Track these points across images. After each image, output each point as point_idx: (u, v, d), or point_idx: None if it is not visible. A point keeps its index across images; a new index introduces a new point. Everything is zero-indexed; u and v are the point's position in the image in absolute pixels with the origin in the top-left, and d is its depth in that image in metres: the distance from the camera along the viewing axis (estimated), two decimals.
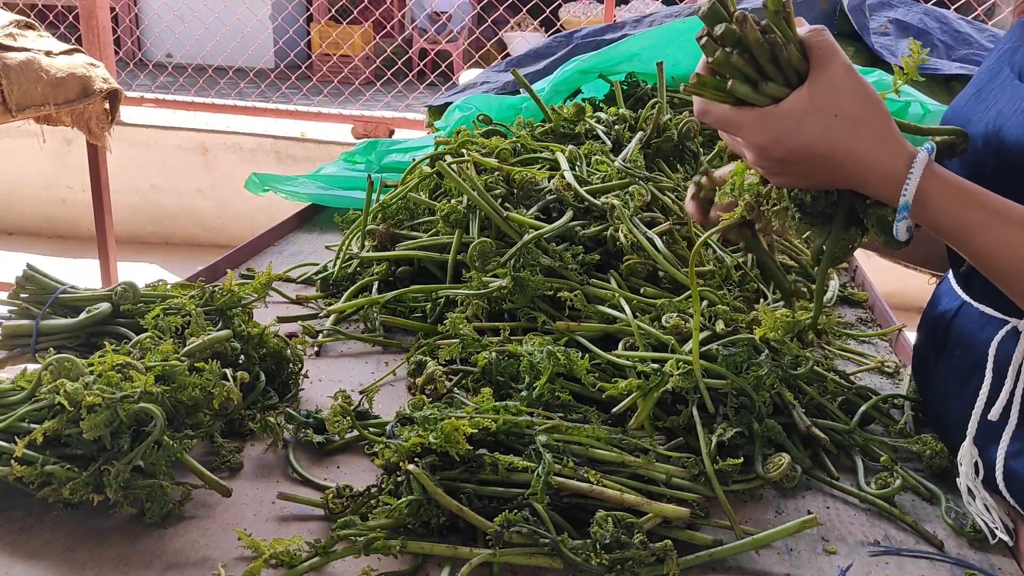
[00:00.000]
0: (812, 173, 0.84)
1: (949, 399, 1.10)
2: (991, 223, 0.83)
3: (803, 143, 0.81)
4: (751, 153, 0.86)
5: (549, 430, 0.98)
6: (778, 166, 0.85)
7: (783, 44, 0.81)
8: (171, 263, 5.18)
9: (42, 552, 0.88)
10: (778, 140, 0.82)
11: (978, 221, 0.83)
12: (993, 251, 0.84)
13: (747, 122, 0.83)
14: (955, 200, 0.84)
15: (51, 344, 1.17)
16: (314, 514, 0.96)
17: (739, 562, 0.91)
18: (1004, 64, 1.05)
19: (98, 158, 3.40)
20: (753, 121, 0.82)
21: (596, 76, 2.22)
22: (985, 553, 0.96)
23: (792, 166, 0.84)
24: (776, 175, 0.87)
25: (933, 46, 2.70)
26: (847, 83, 0.81)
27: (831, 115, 0.81)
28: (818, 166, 0.83)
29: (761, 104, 0.82)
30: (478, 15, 8.64)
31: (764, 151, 0.84)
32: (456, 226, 1.50)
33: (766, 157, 0.85)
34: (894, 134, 0.84)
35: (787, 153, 0.82)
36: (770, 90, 0.82)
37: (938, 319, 1.15)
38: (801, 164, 0.83)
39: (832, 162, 0.82)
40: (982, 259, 0.86)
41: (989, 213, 0.84)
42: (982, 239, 0.84)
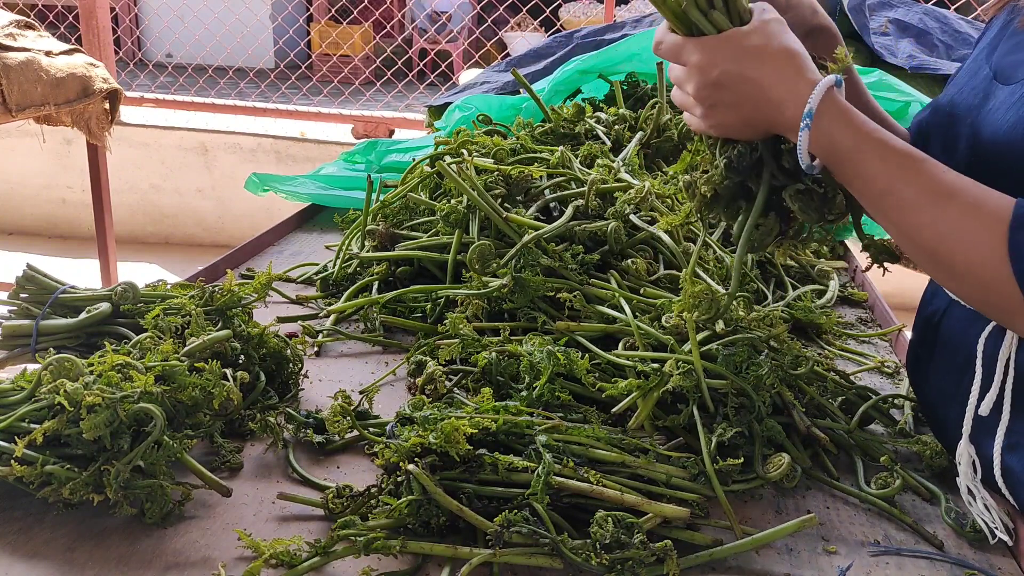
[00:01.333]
0: (739, 101, 0.94)
1: (944, 398, 1.11)
2: (877, 147, 0.89)
3: (737, 67, 0.93)
4: (692, 82, 0.96)
5: (549, 430, 0.98)
6: (713, 91, 0.95)
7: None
8: (171, 263, 5.18)
9: (42, 552, 0.88)
10: (714, 61, 0.94)
11: (867, 143, 0.90)
12: (876, 174, 0.89)
13: (688, 46, 0.96)
14: (853, 121, 0.90)
15: (51, 344, 1.17)
16: (314, 514, 0.96)
17: (739, 562, 0.91)
18: (982, 63, 1.06)
19: (98, 158, 3.39)
20: (693, 45, 0.95)
21: (596, 76, 2.22)
22: (985, 553, 0.96)
23: (724, 91, 0.94)
24: (710, 106, 0.96)
25: (933, 46, 2.70)
26: (779, 30, 0.95)
27: (762, 47, 0.93)
28: (746, 91, 0.94)
29: (708, 32, 0.95)
30: (478, 15, 8.64)
31: (702, 72, 0.95)
32: (456, 226, 1.50)
33: (705, 81, 0.95)
34: (811, 70, 0.93)
35: (721, 75, 0.94)
36: (716, 18, 0.95)
37: (928, 319, 1.15)
38: (732, 88, 0.94)
39: (757, 86, 0.93)
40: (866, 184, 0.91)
41: (877, 138, 0.90)
42: (869, 162, 0.89)
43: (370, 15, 6.81)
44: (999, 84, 0.99)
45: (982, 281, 0.85)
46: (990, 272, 0.83)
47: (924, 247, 0.89)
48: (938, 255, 0.88)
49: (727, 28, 0.94)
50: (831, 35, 1.17)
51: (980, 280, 0.85)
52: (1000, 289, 0.83)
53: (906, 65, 2.54)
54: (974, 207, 0.85)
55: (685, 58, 0.97)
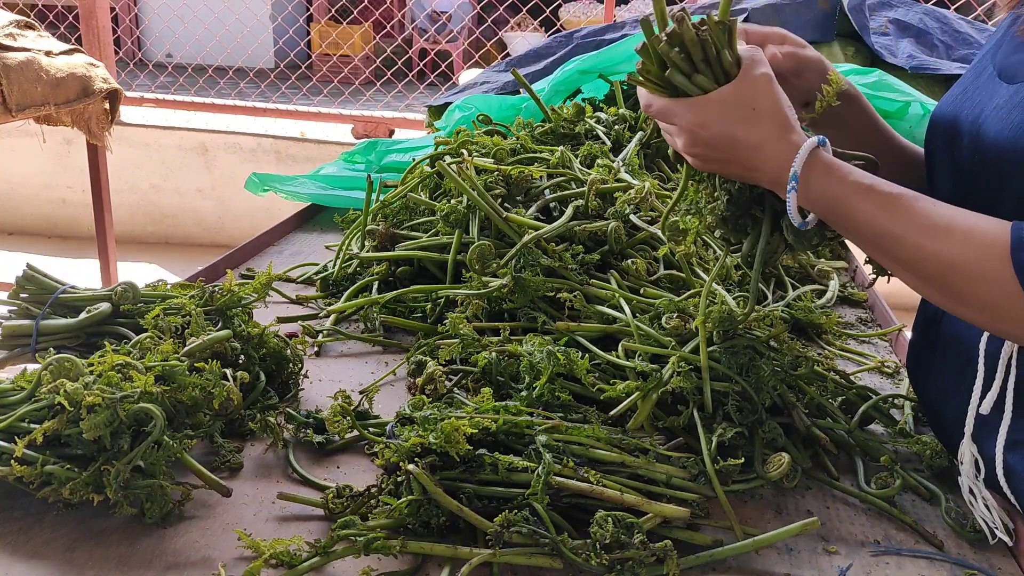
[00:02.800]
0: (729, 160, 0.97)
1: (945, 397, 1.11)
2: (864, 196, 0.91)
3: (726, 129, 0.95)
4: (683, 139, 0.98)
5: (549, 430, 0.98)
6: (704, 150, 0.97)
7: (714, 45, 0.94)
8: (171, 263, 5.18)
9: (42, 552, 0.88)
10: (704, 123, 0.95)
11: (854, 193, 0.92)
12: (865, 221, 0.91)
13: (680, 109, 0.97)
14: (835, 175, 0.93)
15: (51, 344, 1.17)
16: (314, 514, 0.96)
17: (739, 562, 0.91)
18: (987, 63, 1.06)
19: (98, 158, 3.39)
20: (686, 107, 0.97)
21: (596, 76, 2.22)
22: (985, 553, 0.96)
23: (714, 150, 0.97)
24: (702, 160, 1.00)
25: (933, 46, 2.70)
26: (766, 87, 0.95)
27: (749, 108, 0.94)
28: (735, 152, 0.96)
29: (693, 94, 0.96)
30: (478, 15, 8.64)
31: (693, 134, 0.97)
32: (456, 226, 1.50)
33: (695, 141, 0.97)
34: (796, 131, 0.95)
35: (711, 137, 0.96)
36: (700, 81, 0.96)
37: (929, 318, 1.15)
38: (721, 148, 0.96)
39: (746, 147, 0.95)
40: (859, 231, 0.93)
41: (862, 186, 0.92)
42: (858, 210, 0.92)
43: (370, 15, 6.81)
44: (1003, 83, 0.99)
45: (990, 303, 0.86)
46: (997, 293, 0.85)
47: (929, 280, 0.90)
48: (944, 285, 0.89)
49: (712, 89, 0.95)
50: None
51: (988, 302, 0.86)
52: (1010, 307, 0.85)
53: (906, 65, 2.54)
54: (970, 235, 0.86)
55: (675, 120, 0.98)
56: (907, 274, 0.93)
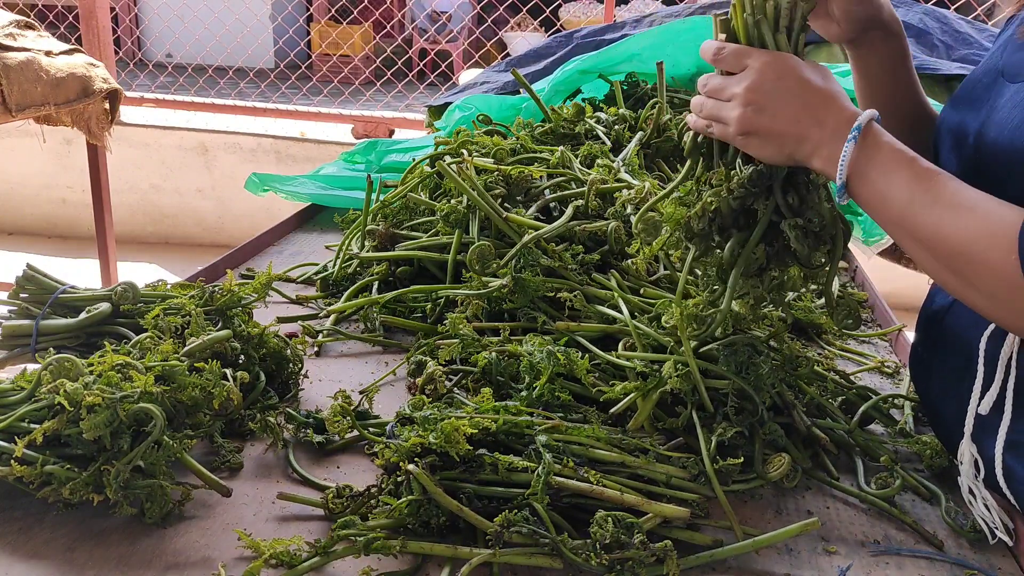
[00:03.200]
0: (790, 107, 0.96)
1: (946, 397, 1.11)
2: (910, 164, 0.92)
3: (800, 74, 0.97)
4: (748, 79, 0.98)
5: (549, 430, 0.98)
6: (767, 93, 0.97)
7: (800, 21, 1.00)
8: (171, 263, 5.17)
9: (42, 552, 0.88)
10: (779, 67, 0.97)
11: (900, 161, 0.93)
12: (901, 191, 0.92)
13: (759, 53, 0.99)
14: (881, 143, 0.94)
15: (51, 344, 1.17)
16: (314, 514, 0.96)
17: (739, 562, 0.91)
18: (996, 62, 1.06)
19: (98, 158, 3.39)
20: (765, 53, 0.99)
21: (596, 76, 2.22)
22: (985, 553, 0.96)
23: (779, 94, 0.97)
24: (757, 109, 0.98)
25: (933, 46, 2.69)
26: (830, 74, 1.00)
27: (819, 76, 0.98)
28: (801, 98, 0.96)
29: (771, 47, 0.99)
30: (478, 15, 8.64)
31: (763, 73, 0.97)
32: (456, 226, 1.50)
33: (762, 80, 0.97)
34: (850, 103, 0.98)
35: (781, 78, 0.97)
36: (781, 41, 1.00)
37: (932, 318, 1.15)
38: (788, 91, 0.97)
39: (811, 93, 0.96)
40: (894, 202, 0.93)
41: (909, 156, 0.93)
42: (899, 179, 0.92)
43: (370, 15, 6.81)
44: (1006, 81, 1.00)
45: (993, 289, 0.86)
46: (1000, 280, 0.85)
47: (943, 259, 0.90)
48: (956, 266, 0.89)
49: (788, 51, 0.99)
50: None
51: (991, 289, 0.86)
52: (1011, 296, 0.85)
53: None
54: (987, 218, 0.86)
55: (749, 62, 0.99)
56: (924, 252, 0.92)
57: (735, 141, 1.01)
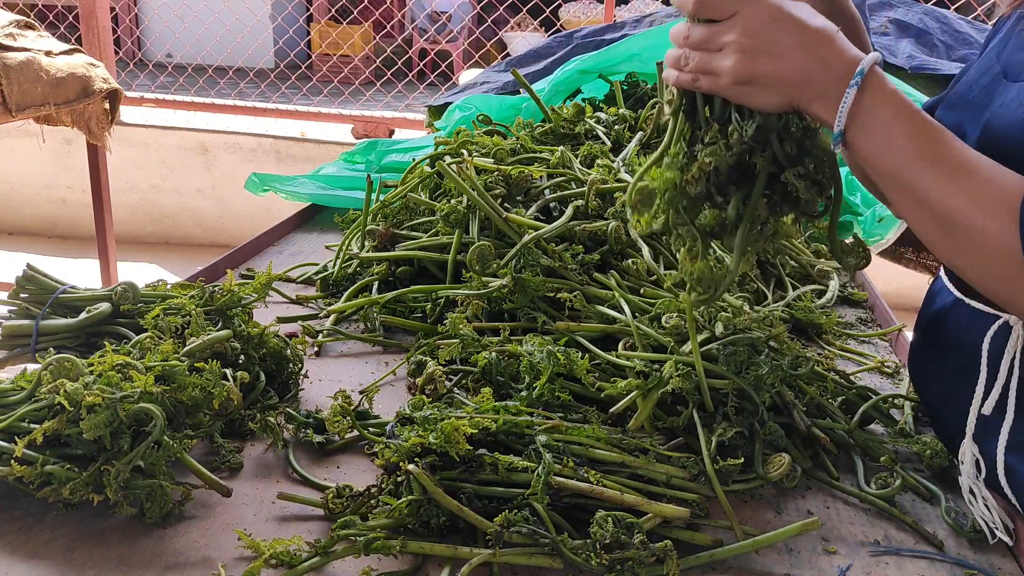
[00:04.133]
0: (787, 49, 0.90)
1: (946, 397, 1.11)
2: (913, 118, 0.88)
3: (799, 12, 0.90)
4: (739, 28, 0.91)
5: (549, 430, 0.98)
6: (764, 33, 0.90)
7: None
8: (171, 263, 5.18)
9: (42, 552, 0.88)
10: (774, 15, 0.90)
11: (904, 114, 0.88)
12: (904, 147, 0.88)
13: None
14: (890, 91, 0.89)
15: (51, 344, 1.17)
16: (314, 514, 0.96)
17: (739, 562, 0.91)
18: (993, 62, 1.05)
19: (98, 158, 3.39)
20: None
21: (596, 76, 2.23)
22: (985, 553, 0.96)
23: (776, 38, 0.90)
24: (754, 55, 0.91)
25: (933, 46, 2.70)
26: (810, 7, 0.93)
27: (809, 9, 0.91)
28: (798, 39, 0.90)
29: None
30: (478, 15, 8.64)
31: (758, 13, 0.90)
32: (456, 226, 1.50)
33: (757, 22, 0.90)
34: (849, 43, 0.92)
35: (780, 19, 0.89)
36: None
37: (932, 318, 1.15)
38: (785, 35, 0.90)
39: (810, 34, 0.90)
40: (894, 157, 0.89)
41: (913, 110, 0.89)
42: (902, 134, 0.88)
43: (370, 15, 6.81)
44: (1008, 82, 0.99)
45: (991, 257, 0.85)
46: (997, 248, 0.83)
47: (939, 221, 0.88)
48: (951, 229, 0.87)
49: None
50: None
51: (990, 256, 0.85)
52: (1005, 267, 0.83)
53: (906, 65, 2.54)
54: (991, 181, 0.85)
55: (737, 6, 0.91)
56: (918, 211, 0.89)
57: (728, 92, 0.94)
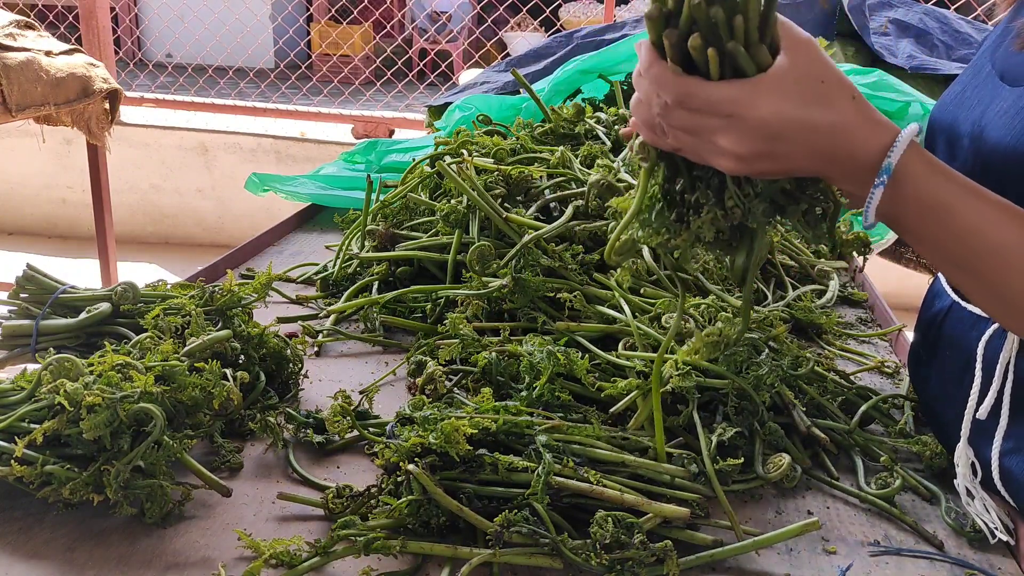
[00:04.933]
0: (792, 153, 0.77)
1: (944, 400, 1.10)
2: (974, 202, 0.80)
3: (801, 114, 0.75)
4: (734, 136, 0.76)
5: (549, 430, 0.98)
6: (765, 146, 0.76)
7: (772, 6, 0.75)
8: (171, 263, 5.18)
9: (42, 552, 0.88)
10: (778, 111, 0.75)
11: (962, 199, 0.79)
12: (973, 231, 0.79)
13: (742, 95, 0.75)
14: (939, 174, 0.80)
15: (51, 344, 1.17)
16: (314, 514, 0.96)
17: (739, 562, 0.91)
18: (987, 61, 1.04)
19: (98, 158, 3.39)
20: (750, 93, 0.75)
21: (596, 76, 2.22)
22: (985, 553, 0.96)
23: (781, 143, 0.76)
24: (752, 161, 0.77)
25: (933, 46, 2.70)
26: (819, 52, 0.78)
27: (818, 82, 0.76)
28: (806, 142, 0.77)
29: (750, 73, 0.75)
30: (478, 15, 8.64)
31: (759, 129, 0.75)
32: (456, 226, 1.50)
33: (757, 136, 0.75)
34: (873, 108, 0.80)
35: (784, 127, 0.75)
36: (761, 56, 0.74)
37: (931, 320, 1.15)
38: (791, 140, 0.76)
39: (822, 135, 0.77)
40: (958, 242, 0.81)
41: (972, 192, 0.80)
42: (965, 218, 0.79)
43: (370, 15, 6.81)
44: (1005, 86, 0.98)
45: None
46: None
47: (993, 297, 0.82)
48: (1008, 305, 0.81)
49: (769, 63, 0.76)
50: None
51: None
52: None
53: (906, 65, 2.55)
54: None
55: (733, 109, 0.75)
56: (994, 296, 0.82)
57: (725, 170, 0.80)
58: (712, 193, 0.82)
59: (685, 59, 0.76)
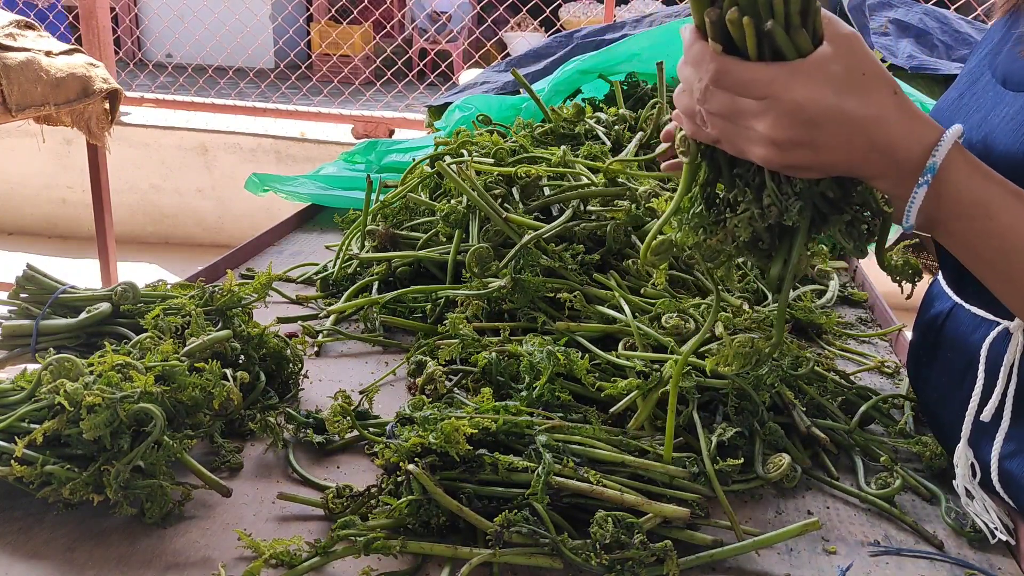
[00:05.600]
0: (829, 144, 0.76)
1: (944, 401, 1.10)
2: (1014, 202, 0.79)
3: (837, 102, 0.75)
4: (770, 120, 0.75)
5: (549, 430, 0.98)
6: (802, 131, 0.75)
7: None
8: (171, 263, 5.18)
9: (42, 552, 0.88)
10: (814, 96, 0.74)
11: (1002, 198, 0.78)
12: (1012, 229, 0.78)
13: (780, 76, 0.74)
14: (979, 173, 0.79)
15: (51, 344, 1.17)
16: (314, 514, 0.96)
17: (739, 562, 0.91)
18: (985, 68, 1.03)
19: (98, 158, 3.40)
20: (788, 75, 0.74)
21: (596, 76, 2.22)
22: (985, 553, 0.96)
23: (817, 130, 0.75)
24: (789, 149, 0.77)
25: (933, 46, 2.70)
26: (863, 46, 0.77)
27: (859, 73, 0.76)
28: (843, 132, 0.76)
29: (790, 57, 0.75)
30: (478, 15, 8.64)
31: (794, 112, 0.75)
32: (456, 226, 1.50)
33: (793, 121, 0.75)
34: (914, 104, 0.79)
35: (819, 112, 0.74)
36: (801, 40, 0.74)
37: (931, 321, 1.15)
38: (827, 128, 0.75)
39: (859, 126, 0.76)
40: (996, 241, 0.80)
41: (1011, 191, 0.79)
42: (1003, 218, 0.78)
43: (370, 15, 6.81)
44: (1008, 91, 0.97)
45: None
46: None
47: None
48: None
49: (809, 52, 0.75)
50: None
51: None
52: None
53: (906, 65, 2.54)
54: None
55: (770, 91, 0.75)
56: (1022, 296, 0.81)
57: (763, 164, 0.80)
58: (751, 191, 0.82)
59: (727, 41, 0.76)
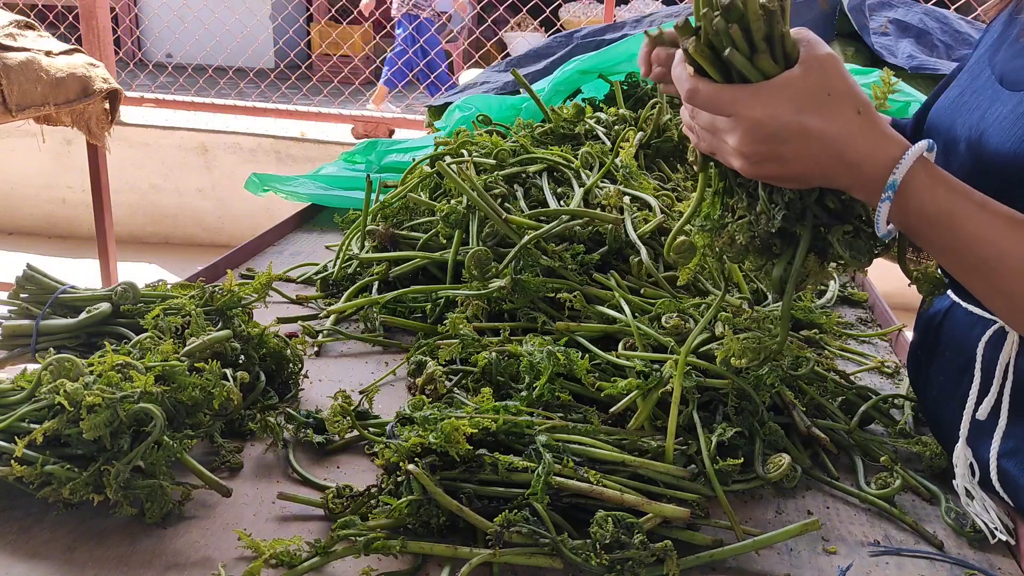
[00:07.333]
0: (797, 157, 0.81)
1: (943, 400, 1.10)
2: (976, 212, 0.82)
3: (797, 119, 0.80)
4: (737, 131, 0.82)
5: (549, 430, 0.98)
6: (765, 146, 0.82)
7: (779, 21, 0.81)
8: (171, 263, 5.18)
9: (42, 552, 0.88)
10: (773, 114, 0.80)
11: (965, 209, 0.82)
12: (978, 239, 0.82)
13: (741, 96, 0.81)
14: (942, 187, 0.82)
15: (51, 344, 1.17)
16: (314, 514, 0.96)
17: (739, 562, 0.91)
18: (984, 66, 1.03)
19: (98, 158, 3.40)
20: (748, 95, 0.81)
21: (596, 76, 2.22)
22: (985, 553, 0.96)
23: (781, 145, 0.81)
24: (759, 162, 0.83)
25: (933, 46, 2.70)
26: (837, 68, 0.82)
27: (824, 93, 0.81)
28: (806, 146, 0.81)
29: (753, 79, 0.82)
30: (478, 15, 8.64)
31: (755, 128, 0.81)
32: (456, 226, 1.50)
33: (755, 137, 0.81)
34: (881, 120, 0.83)
35: (780, 128, 0.80)
36: (764, 63, 0.81)
37: (930, 320, 1.15)
38: (790, 142, 0.81)
39: (821, 141, 0.81)
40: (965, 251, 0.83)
41: (975, 202, 0.82)
42: (967, 228, 0.82)
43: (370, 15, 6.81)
44: (1004, 90, 0.97)
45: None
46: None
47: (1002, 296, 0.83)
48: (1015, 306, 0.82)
49: (775, 73, 0.81)
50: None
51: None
52: None
53: (906, 65, 2.54)
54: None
55: (732, 110, 0.82)
56: (1007, 305, 0.84)
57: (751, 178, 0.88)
58: (748, 199, 0.90)
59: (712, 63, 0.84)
